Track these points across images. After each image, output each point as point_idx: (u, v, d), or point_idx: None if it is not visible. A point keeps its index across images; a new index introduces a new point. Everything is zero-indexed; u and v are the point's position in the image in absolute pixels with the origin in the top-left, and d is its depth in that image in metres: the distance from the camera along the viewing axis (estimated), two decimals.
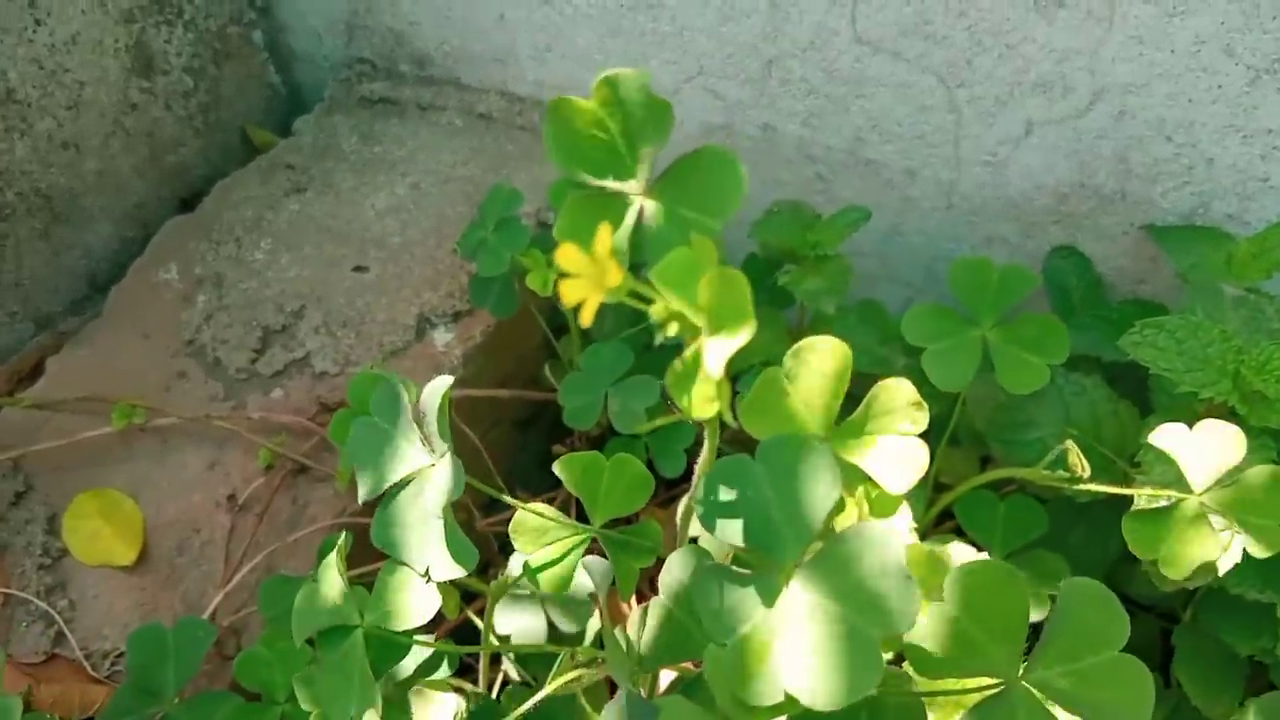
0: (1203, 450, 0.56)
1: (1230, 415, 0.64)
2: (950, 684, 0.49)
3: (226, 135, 1.27)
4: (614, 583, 0.60)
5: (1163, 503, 0.57)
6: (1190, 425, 0.58)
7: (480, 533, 0.95)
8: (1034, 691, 0.44)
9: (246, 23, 1.24)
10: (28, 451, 0.94)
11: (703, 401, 0.36)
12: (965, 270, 0.73)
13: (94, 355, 1.03)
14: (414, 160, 1.15)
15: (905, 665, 0.58)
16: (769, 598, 0.40)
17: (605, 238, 0.33)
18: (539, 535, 0.58)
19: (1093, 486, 0.61)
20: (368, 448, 0.56)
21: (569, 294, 0.33)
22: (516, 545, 0.58)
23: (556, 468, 0.59)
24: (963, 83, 0.92)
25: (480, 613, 0.81)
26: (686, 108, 1.06)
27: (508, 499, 0.57)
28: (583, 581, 0.67)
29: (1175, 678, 0.83)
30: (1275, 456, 0.63)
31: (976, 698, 0.45)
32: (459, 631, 0.89)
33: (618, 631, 0.50)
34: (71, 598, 0.87)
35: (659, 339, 0.37)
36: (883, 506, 0.45)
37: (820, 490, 0.40)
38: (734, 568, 0.41)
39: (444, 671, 0.59)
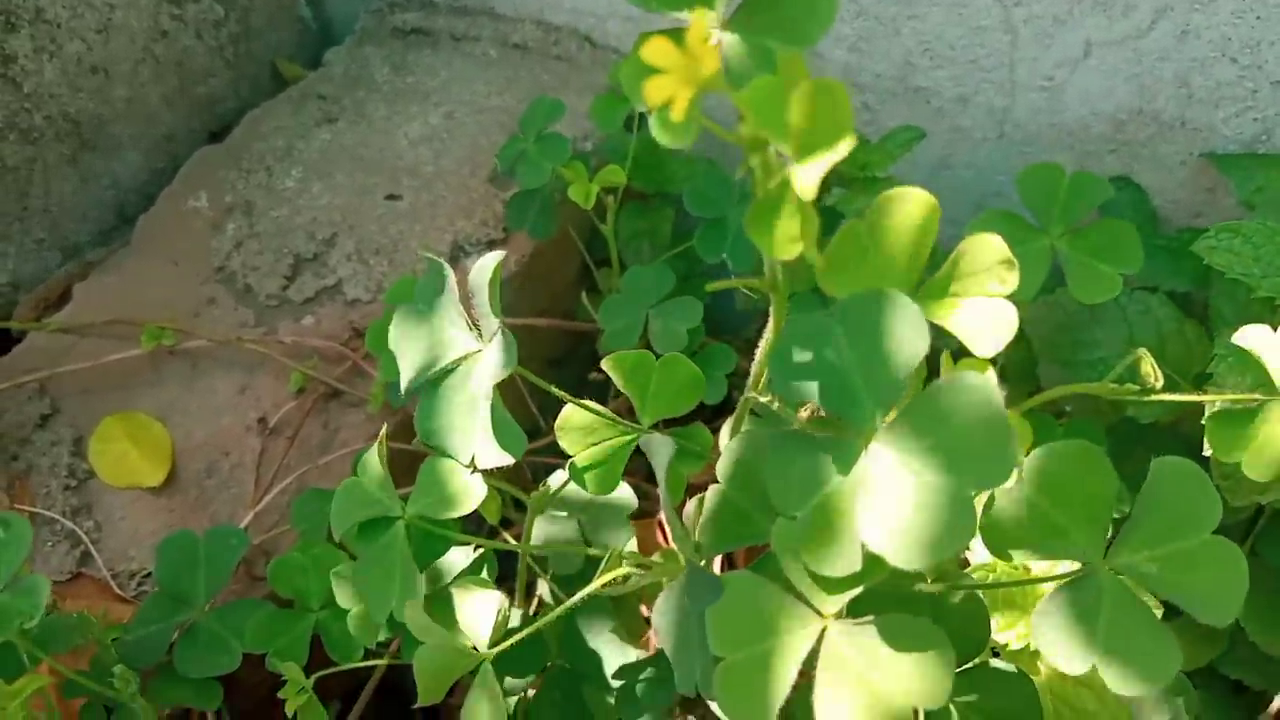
0: None
1: None
2: (1022, 574, 0.47)
3: (257, 68, 1.24)
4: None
5: (1239, 405, 0.54)
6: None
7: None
8: (1120, 576, 0.42)
9: None
10: (54, 374, 0.92)
11: (787, 240, 0.34)
12: (1034, 176, 0.70)
13: (122, 282, 1.01)
14: (447, 90, 1.12)
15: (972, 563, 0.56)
16: (847, 462, 0.38)
17: (701, 23, 0.30)
18: (586, 434, 0.56)
19: (1167, 396, 0.58)
20: (410, 336, 0.53)
21: (656, 91, 0.31)
22: (562, 443, 0.56)
23: (605, 364, 0.56)
24: (1019, 1, 0.88)
25: (517, 538, 0.79)
26: None
27: (555, 390, 0.54)
28: (621, 496, 0.65)
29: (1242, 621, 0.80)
30: None
31: (1053, 587, 0.43)
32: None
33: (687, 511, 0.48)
34: (97, 519, 0.86)
35: (740, 172, 0.35)
36: (972, 369, 0.42)
37: (906, 347, 0.37)
38: (808, 432, 0.39)
39: (484, 575, 0.57)
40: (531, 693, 0.67)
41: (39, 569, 0.82)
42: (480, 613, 0.51)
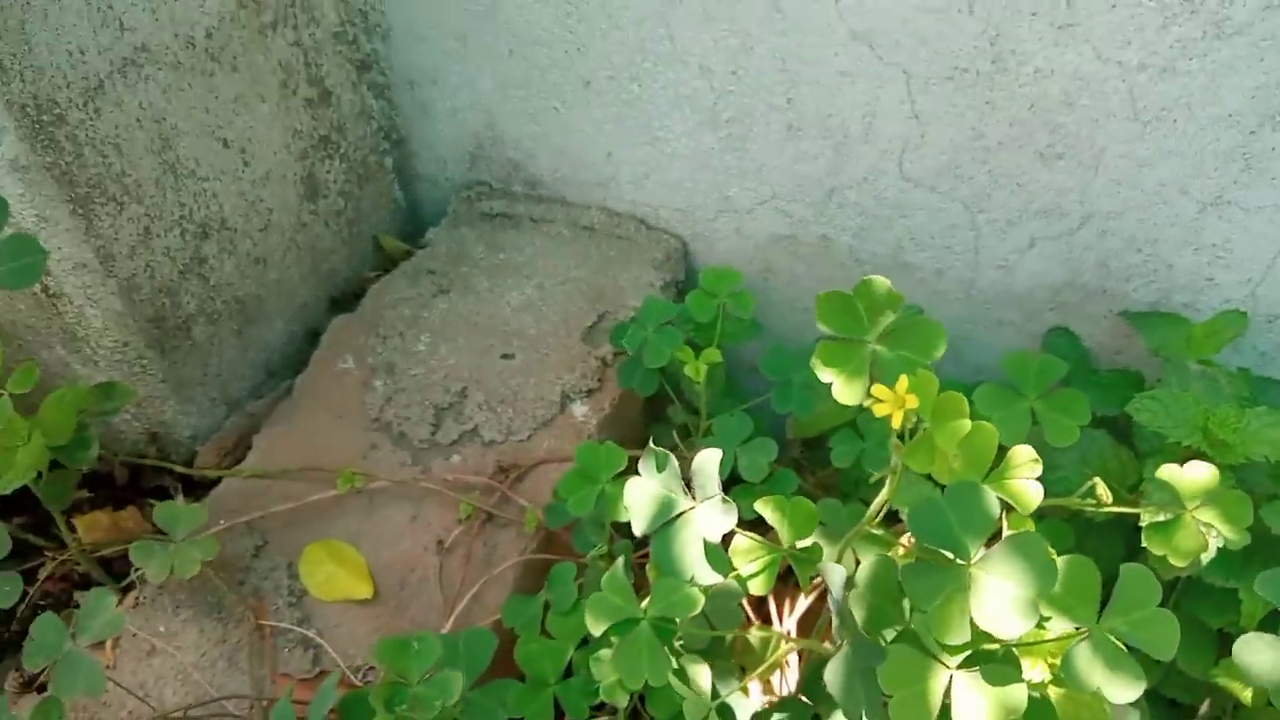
0: (1191, 487, 0.86)
1: (1200, 457, 0.93)
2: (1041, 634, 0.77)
3: (363, 243, 1.52)
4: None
5: (1166, 517, 0.85)
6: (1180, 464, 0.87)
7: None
8: (1107, 634, 0.72)
9: (382, 151, 1.50)
10: (266, 514, 1.17)
11: (928, 460, 0.64)
12: (1015, 360, 1.02)
13: (293, 431, 1.27)
14: (534, 265, 1.42)
15: None
16: (959, 581, 0.68)
17: (904, 382, 0.61)
18: (748, 553, 0.85)
19: (1114, 509, 0.89)
20: (640, 499, 0.82)
21: (880, 410, 0.61)
22: (735, 561, 0.85)
23: (758, 506, 0.86)
24: (982, 209, 1.22)
25: None
26: (759, 222, 1.35)
27: (738, 529, 0.83)
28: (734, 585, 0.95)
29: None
30: (1235, 484, 0.92)
31: (1070, 642, 0.73)
32: None
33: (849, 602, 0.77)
34: (318, 627, 1.11)
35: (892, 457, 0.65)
36: (1019, 522, 0.73)
37: (987, 512, 0.67)
38: (928, 562, 0.69)
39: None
40: None
41: (286, 669, 1.06)
42: (702, 677, 0.80)
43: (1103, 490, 0.89)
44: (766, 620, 1.08)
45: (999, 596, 0.65)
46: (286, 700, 0.79)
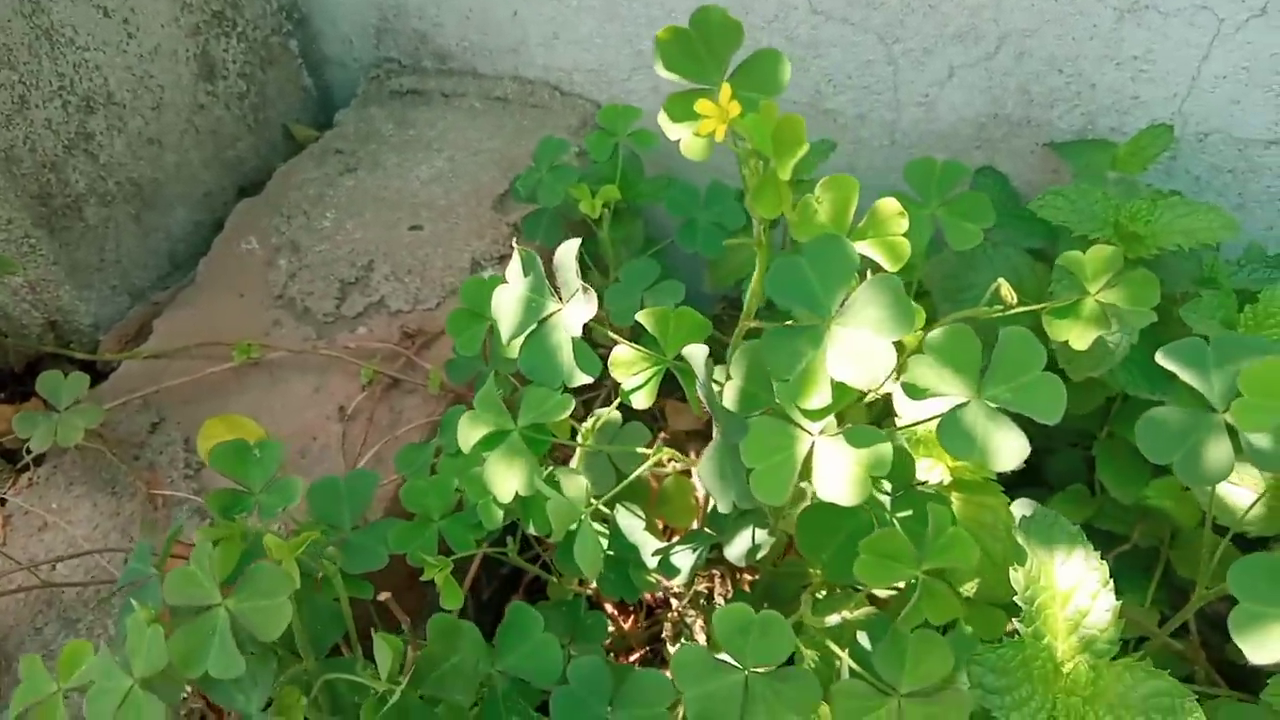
0: (1093, 264, 0.81)
1: None
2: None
3: (272, 131, 1.46)
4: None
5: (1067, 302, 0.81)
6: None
7: None
8: (988, 401, 0.67)
9: (285, 33, 1.44)
10: (161, 388, 1.13)
11: (774, 207, 0.59)
12: (916, 167, 0.96)
13: (196, 313, 1.22)
14: (445, 138, 1.36)
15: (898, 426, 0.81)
16: (817, 340, 0.63)
17: (728, 90, 0.55)
18: (630, 365, 0.80)
19: (1018, 309, 0.84)
20: (508, 305, 0.77)
21: (705, 127, 0.56)
22: (614, 374, 0.80)
23: (639, 317, 0.81)
24: (897, 39, 1.16)
25: None
26: None
27: (611, 334, 0.79)
28: (640, 426, 0.90)
29: (1098, 481, 1.07)
30: (1146, 273, 0.87)
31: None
32: None
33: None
34: None
35: (744, 172, 0.60)
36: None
37: (845, 265, 0.62)
38: (790, 324, 0.64)
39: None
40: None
41: (181, 539, 1.02)
42: (578, 486, 0.75)
43: (1006, 290, 0.84)
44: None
45: (855, 346, 0.60)
46: (143, 543, 0.75)
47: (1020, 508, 0.82)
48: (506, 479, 0.75)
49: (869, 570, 0.63)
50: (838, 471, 0.62)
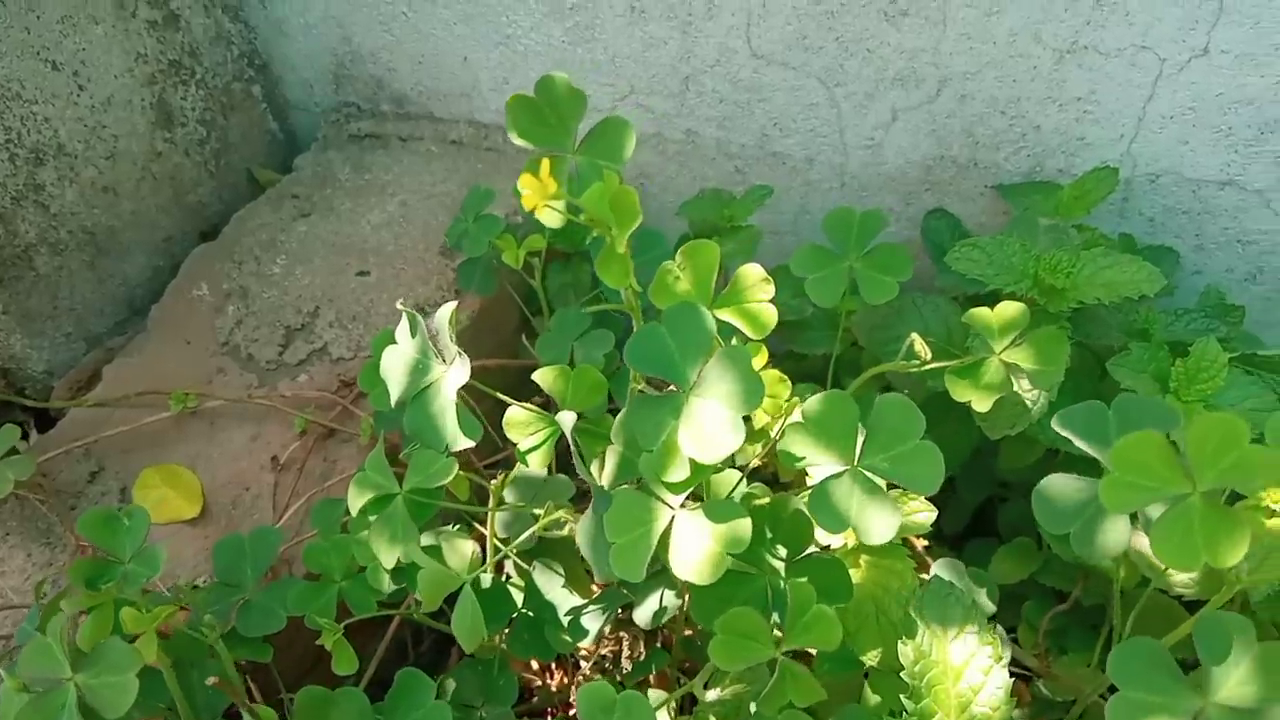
0: (1000, 322, 0.78)
1: (1032, 305, 0.86)
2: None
3: (235, 176, 1.47)
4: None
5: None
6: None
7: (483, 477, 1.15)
8: (865, 471, 0.65)
9: (247, 79, 1.45)
10: (99, 438, 1.13)
11: (620, 275, 0.57)
12: (834, 218, 0.94)
13: (143, 361, 1.23)
14: (400, 183, 1.36)
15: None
16: (677, 410, 0.61)
17: (547, 166, 0.54)
18: (525, 426, 0.79)
19: (931, 365, 0.82)
20: (396, 367, 0.76)
21: (527, 201, 0.55)
22: (509, 434, 0.79)
23: (536, 377, 0.80)
24: (839, 83, 1.14)
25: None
26: None
27: (501, 395, 0.77)
28: (563, 479, 0.88)
29: (1044, 535, 1.04)
30: (1067, 331, 0.84)
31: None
32: None
33: (593, 467, 0.71)
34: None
35: (589, 239, 0.58)
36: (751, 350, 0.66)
37: (703, 336, 0.61)
38: (652, 393, 0.62)
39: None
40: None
41: None
42: (461, 552, 0.74)
43: (920, 346, 0.82)
44: None
45: (704, 419, 0.59)
46: (35, 608, 0.74)
47: (940, 568, 0.79)
48: (390, 547, 0.74)
49: (723, 651, 0.61)
50: (694, 548, 0.61)
